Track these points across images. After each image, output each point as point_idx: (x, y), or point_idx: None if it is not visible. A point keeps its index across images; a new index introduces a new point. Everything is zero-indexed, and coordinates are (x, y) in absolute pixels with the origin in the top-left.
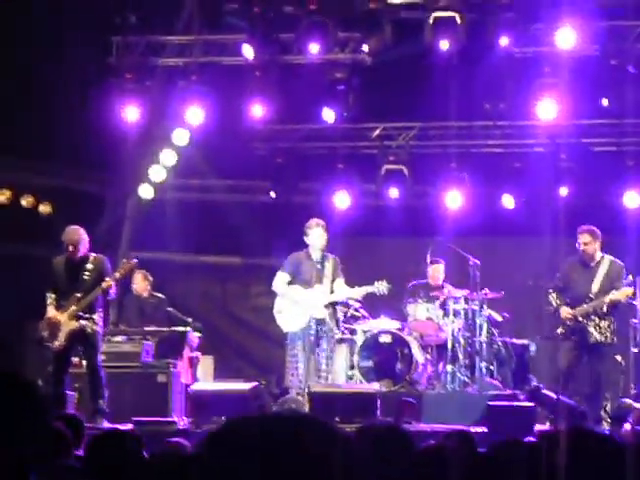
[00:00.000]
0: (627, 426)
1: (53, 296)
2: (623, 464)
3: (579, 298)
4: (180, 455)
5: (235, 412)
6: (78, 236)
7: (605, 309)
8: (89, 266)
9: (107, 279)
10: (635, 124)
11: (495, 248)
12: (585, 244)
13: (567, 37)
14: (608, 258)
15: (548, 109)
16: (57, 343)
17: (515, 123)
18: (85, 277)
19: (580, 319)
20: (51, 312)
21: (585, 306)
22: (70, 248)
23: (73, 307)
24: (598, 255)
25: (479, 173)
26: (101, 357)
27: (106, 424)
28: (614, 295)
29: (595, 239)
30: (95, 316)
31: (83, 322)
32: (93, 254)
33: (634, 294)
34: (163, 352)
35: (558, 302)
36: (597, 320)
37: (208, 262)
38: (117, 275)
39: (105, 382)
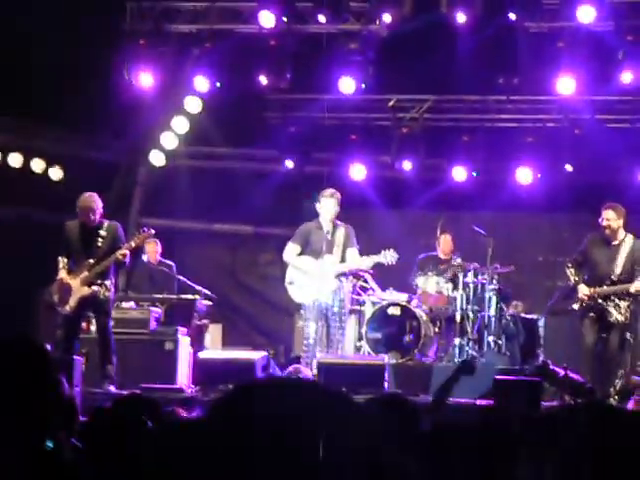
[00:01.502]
0: (630, 404)
1: (65, 260)
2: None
3: (600, 277)
4: (182, 423)
5: (242, 381)
6: (93, 203)
7: (626, 292)
8: (103, 233)
9: (122, 248)
10: None
11: (506, 223)
12: (608, 220)
13: (586, 13)
14: (631, 237)
15: (566, 84)
16: (67, 308)
17: (528, 98)
18: (99, 244)
19: (599, 299)
20: (63, 274)
21: (606, 288)
22: (84, 214)
23: (86, 273)
24: (621, 233)
25: (492, 147)
26: (112, 323)
27: (113, 389)
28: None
29: (619, 216)
30: (107, 282)
31: (95, 288)
32: (107, 221)
33: None
34: (171, 319)
35: (576, 278)
36: (617, 300)
37: (219, 230)
38: (132, 244)
39: (114, 348)
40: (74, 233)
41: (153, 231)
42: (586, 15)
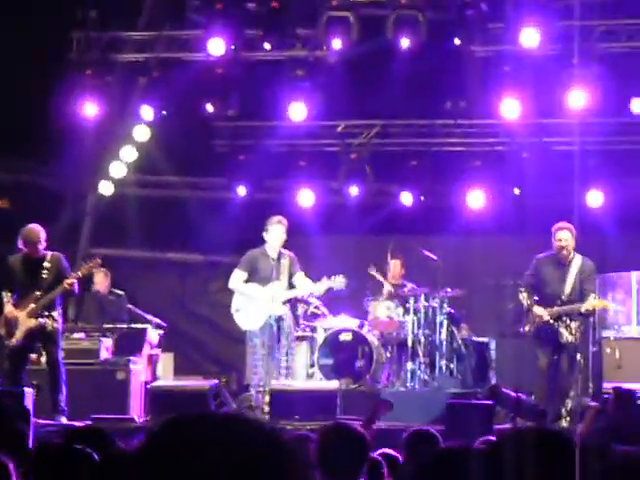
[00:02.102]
0: (581, 425)
1: (9, 294)
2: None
3: (550, 298)
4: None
5: (195, 410)
6: (37, 235)
7: (577, 313)
8: (47, 264)
9: (69, 278)
10: (597, 123)
11: (456, 247)
12: (566, 240)
13: (530, 36)
14: (580, 257)
15: (511, 108)
16: (14, 340)
17: (476, 122)
18: (44, 275)
19: (551, 320)
20: (8, 309)
21: (557, 308)
22: (30, 246)
23: (32, 305)
24: (572, 254)
25: (440, 171)
26: (62, 354)
27: (64, 420)
28: (591, 305)
29: (573, 236)
30: (54, 313)
31: (43, 320)
32: (49, 252)
33: (613, 308)
34: (122, 349)
35: (529, 301)
36: (567, 321)
37: (168, 259)
38: (79, 274)
39: (65, 379)
40: (17, 266)
41: (100, 260)
42: (530, 39)
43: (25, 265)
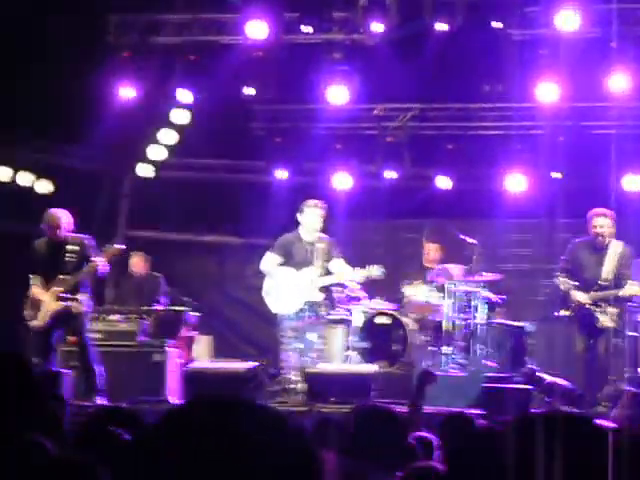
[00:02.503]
0: (615, 410)
1: (37, 278)
2: (601, 447)
3: (587, 283)
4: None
5: (231, 392)
6: (59, 218)
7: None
8: (71, 247)
9: (93, 259)
10: (635, 107)
11: (493, 230)
12: (602, 227)
13: (569, 19)
14: (618, 243)
15: (547, 91)
16: (36, 323)
17: (513, 105)
18: (68, 258)
19: (588, 305)
20: (35, 292)
21: (595, 293)
22: (52, 230)
23: (56, 288)
24: (608, 239)
25: (477, 155)
26: (89, 335)
27: (100, 401)
28: (629, 290)
29: (611, 222)
30: (80, 296)
31: (67, 303)
32: (74, 235)
33: None
34: (159, 331)
35: (567, 285)
36: (604, 306)
37: (206, 241)
38: (101, 259)
39: (97, 360)
40: (43, 250)
41: (123, 246)
42: (567, 22)
43: (49, 248)
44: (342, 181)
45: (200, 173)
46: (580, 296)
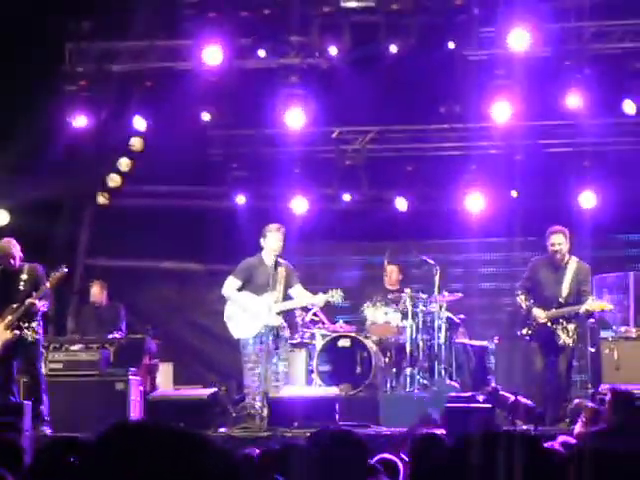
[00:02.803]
0: (577, 426)
1: None
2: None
3: (547, 300)
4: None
5: (194, 418)
6: (11, 248)
7: (574, 314)
8: (24, 276)
9: (30, 300)
10: (590, 125)
11: (453, 250)
12: (560, 244)
13: (520, 39)
14: (575, 260)
15: (502, 111)
16: None
17: (471, 125)
18: (20, 287)
19: (548, 323)
20: None
21: (554, 311)
22: (5, 260)
23: (9, 317)
24: (567, 256)
25: (436, 176)
26: (42, 365)
27: (48, 431)
28: (590, 306)
29: (567, 239)
30: (34, 324)
31: (19, 332)
32: (27, 264)
33: (611, 310)
34: (121, 360)
35: (527, 303)
36: (564, 323)
37: (167, 268)
38: (47, 285)
39: (45, 389)
40: None
41: (65, 270)
42: (518, 41)
43: (3, 278)
44: (301, 205)
45: (158, 200)
46: (539, 313)
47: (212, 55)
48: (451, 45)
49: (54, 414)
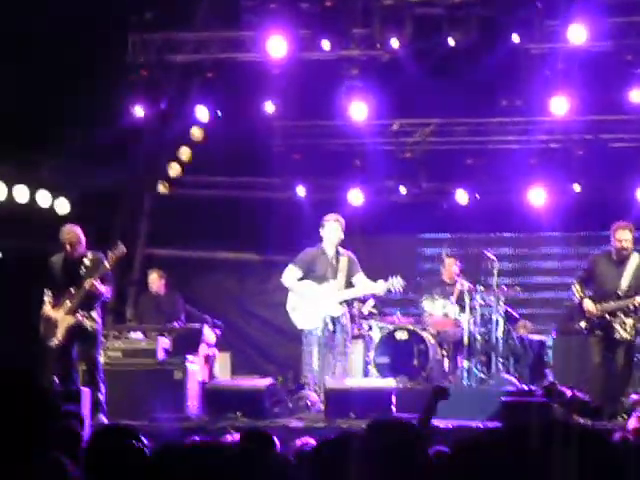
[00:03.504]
0: (632, 421)
1: (50, 294)
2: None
3: (607, 293)
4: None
5: (250, 408)
6: (75, 234)
7: (632, 308)
8: (86, 262)
9: (88, 280)
10: None
11: (514, 244)
12: (626, 240)
13: (578, 33)
14: (637, 255)
15: (561, 105)
16: (55, 341)
17: (532, 119)
18: (81, 274)
19: (606, 316)
20: (46, 309)
21: (612, 303)
22: (67, 247)
23: (68, 303)
24: (630, 252)
25: (496, 169)
26: (100, 353)
27: (103, 419)
28: None
29: (633, 235)
30: (93, 313)
31: (80, 318)
32: (90, 252)
33: None
34: (179, 349)
35: (581, 294)
36: (623, 317)
37: (225, 258)
38: (107, 266)
39: (103, 378)
40: (58, 266)
41: (123, 248)
42: (577, 35)
43: (64, 265)
44: (359, 197)
45: (218, 190)
46: (590, 305)
47: (276, 47)
48: (515, 39)
49: (112, 402)
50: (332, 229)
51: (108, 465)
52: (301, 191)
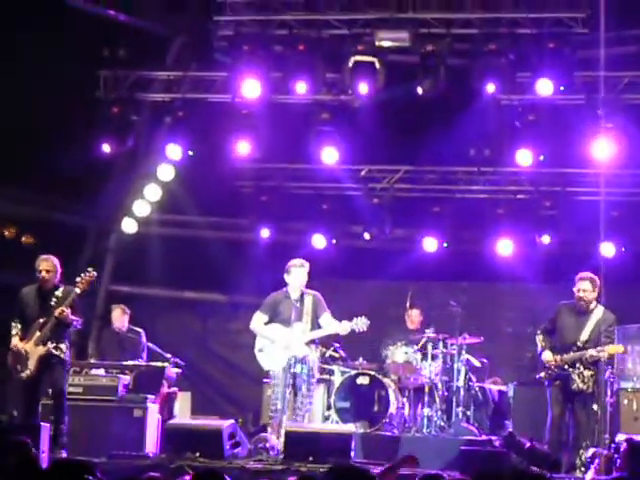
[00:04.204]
0: (590, 473)
1: (19, 326)
2: None
3: (567, 344)
4: None
5: (209, 448)
6: (52, 264)
7: (590, 359)
8: (58, 294)
9: (60, 307)
10: (615, 175)
11: (477, 293)
12: (584, 291)
13: (547, 86)
14: (601, 309)
15: (527, 156)
16: (28, 372)
17: (499, 169)
18: (52, 304)
19: (565, 366)
20: (14, 342)
21: (572, 354)
22: (44, 274)
23: (37, 333)
24: (593, 304)
25: (463, 218)
26: (67, 385)
27: (64, 454)
28: (605, 351)
29: (594, 288)
30: (62, 345)
31: (51, 347)
32: (63, 285)
33: (625, 351)
34: (140, 387)
35: (543, 344)
36: (581, 369)
37: (190, 298)
38: (78, 291)
39: (67, 411)
40: (30, 296)
41: (94, 273)
42: (546, 88)
43: (38, 295)
44: (322, 241)
45: (185, 230)
46: (548, 356)
47: (249, 88)
48: (490, 88)
49: (71, 437)
50: (297, 274)
51: None
52: (265, 233)
